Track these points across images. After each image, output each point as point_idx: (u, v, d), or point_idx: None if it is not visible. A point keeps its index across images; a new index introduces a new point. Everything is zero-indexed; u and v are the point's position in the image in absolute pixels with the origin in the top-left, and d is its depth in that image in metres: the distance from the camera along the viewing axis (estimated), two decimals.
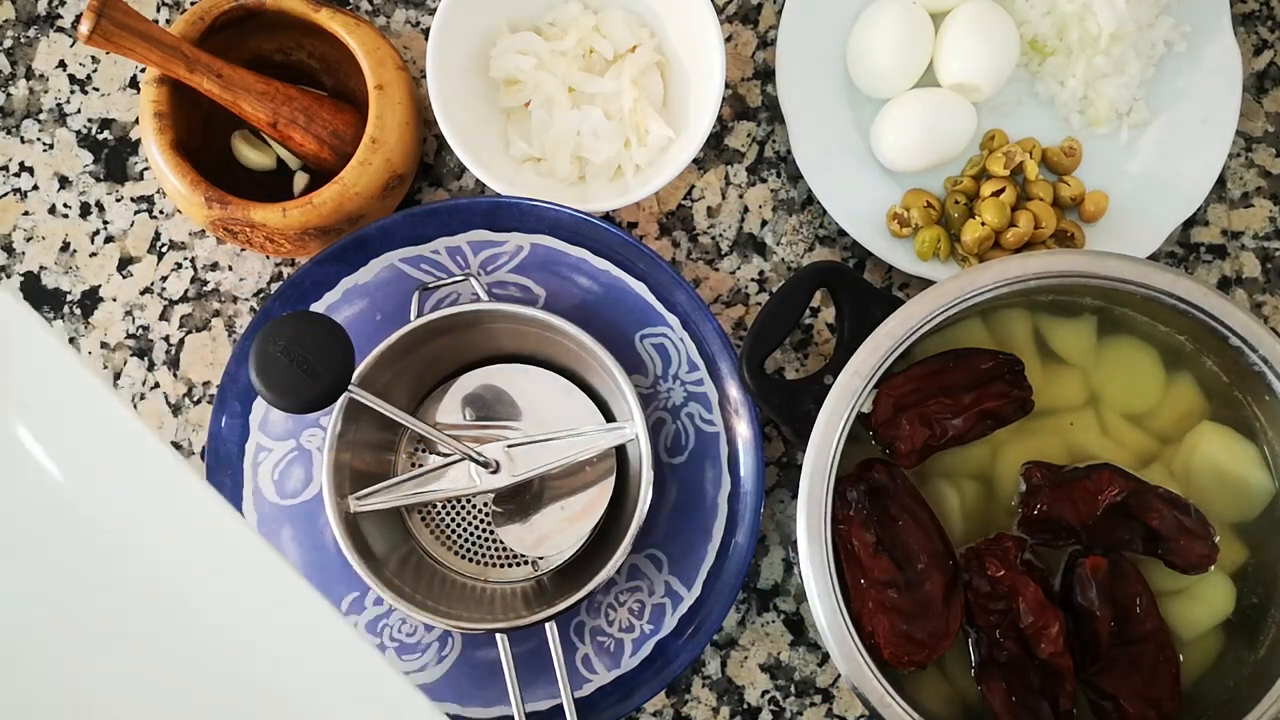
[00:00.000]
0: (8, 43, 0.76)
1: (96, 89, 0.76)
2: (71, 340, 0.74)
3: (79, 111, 0.76)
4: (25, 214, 0.75)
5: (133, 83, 0.76)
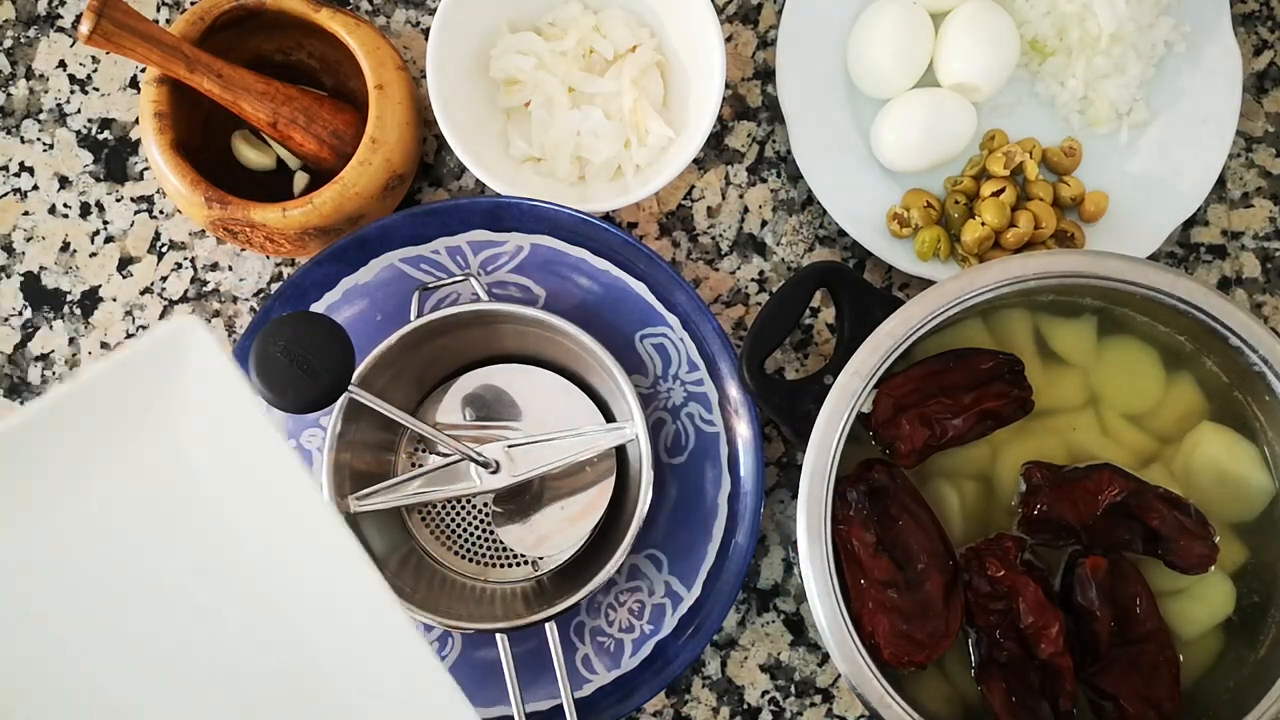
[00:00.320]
0: (8, 43, 0.76)
1: (97, 89, 0.76)
2: (71, 340, 0.74)
3: (79, 111, 0.76)
4: (25, 214, 0.75)
5: (133, 83, 0.76)
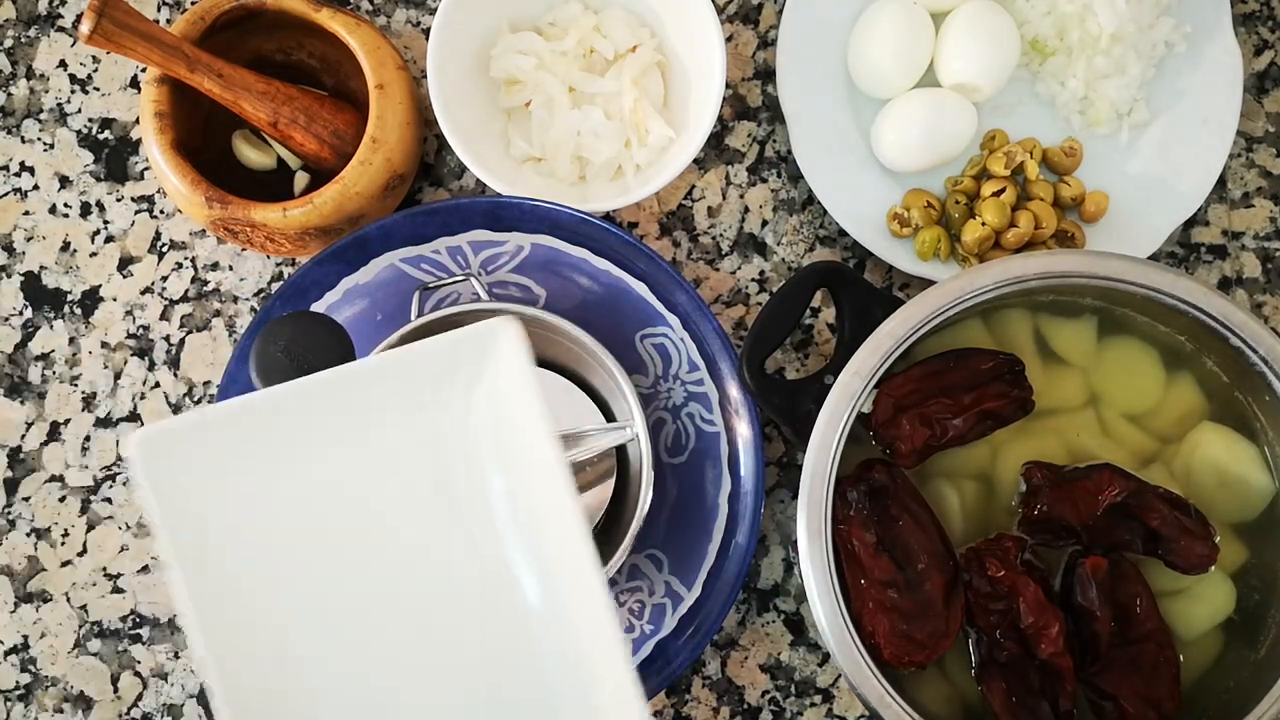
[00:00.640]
0: (8, 42, 0.76)
1: (97, 89, 0.76)
2: (71, 340, 0.74)
3: (79, 111, 0.76)
4: (26, 214, 0.75)
5: (133, 82, 0.76)
